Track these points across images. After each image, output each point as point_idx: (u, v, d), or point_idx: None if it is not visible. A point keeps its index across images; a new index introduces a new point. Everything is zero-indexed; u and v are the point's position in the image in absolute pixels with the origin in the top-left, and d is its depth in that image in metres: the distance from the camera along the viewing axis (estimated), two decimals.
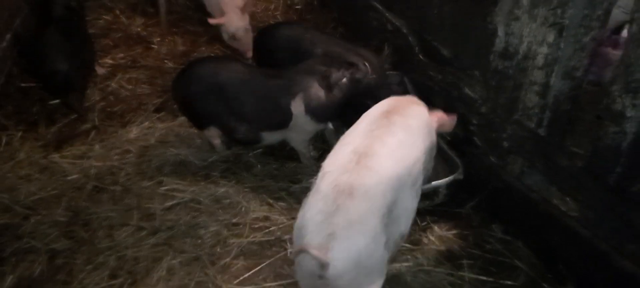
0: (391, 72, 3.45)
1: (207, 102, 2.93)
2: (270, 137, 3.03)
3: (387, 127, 2.11)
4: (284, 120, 2.90)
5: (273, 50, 3.29)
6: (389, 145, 2.05)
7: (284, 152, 3.24)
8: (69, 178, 3.08)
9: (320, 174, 2.00)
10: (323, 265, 1.77)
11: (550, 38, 2.17)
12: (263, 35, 3.45)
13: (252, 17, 4.33)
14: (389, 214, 1.94)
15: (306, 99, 2.83)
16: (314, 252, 1.76)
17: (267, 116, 2.93)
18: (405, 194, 2.04)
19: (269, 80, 2.92)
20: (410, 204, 2.11)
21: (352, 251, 1.81)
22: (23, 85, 3.75)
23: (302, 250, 1.80)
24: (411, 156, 2.09)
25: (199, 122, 3.11)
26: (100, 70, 3.87)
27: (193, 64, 3.12)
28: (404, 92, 3.36)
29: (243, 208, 2.87)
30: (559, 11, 2.11)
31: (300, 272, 1.91)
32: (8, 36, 3.80)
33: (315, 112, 2.85)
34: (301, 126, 2.92)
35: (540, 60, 2.25)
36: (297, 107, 2.85)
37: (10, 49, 3.72)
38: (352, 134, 2.14)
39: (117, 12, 4.46)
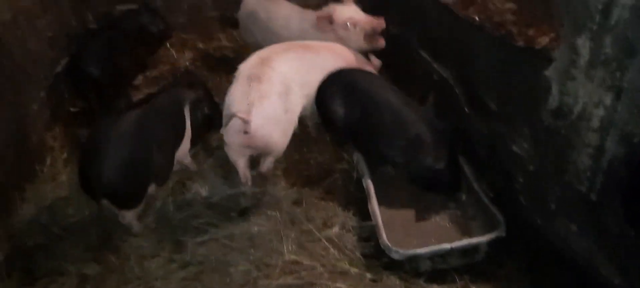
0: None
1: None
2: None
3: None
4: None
5: None
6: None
7: (320, 195, 3.19)
8: None
9: (235, 75, 2.92)
10: (247, 122, 2.67)
11: (607, 101, 2.08)
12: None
13: None
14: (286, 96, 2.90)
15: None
16: (241, 114, 2.66)
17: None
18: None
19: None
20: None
21: (264, 112, 2.74)
22: (72, 110, 3.87)
23: (232, 115, 2.67)
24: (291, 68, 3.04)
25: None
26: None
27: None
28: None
29: (276, 249, 2.81)
30: (617, 74, 2.02)
31: (230, 133, 2.78)
32: (64, 61, 3.93)
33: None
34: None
35: (595, 123, 2.15)
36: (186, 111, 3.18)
37: (65, 74, 3.85)
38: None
39: None
